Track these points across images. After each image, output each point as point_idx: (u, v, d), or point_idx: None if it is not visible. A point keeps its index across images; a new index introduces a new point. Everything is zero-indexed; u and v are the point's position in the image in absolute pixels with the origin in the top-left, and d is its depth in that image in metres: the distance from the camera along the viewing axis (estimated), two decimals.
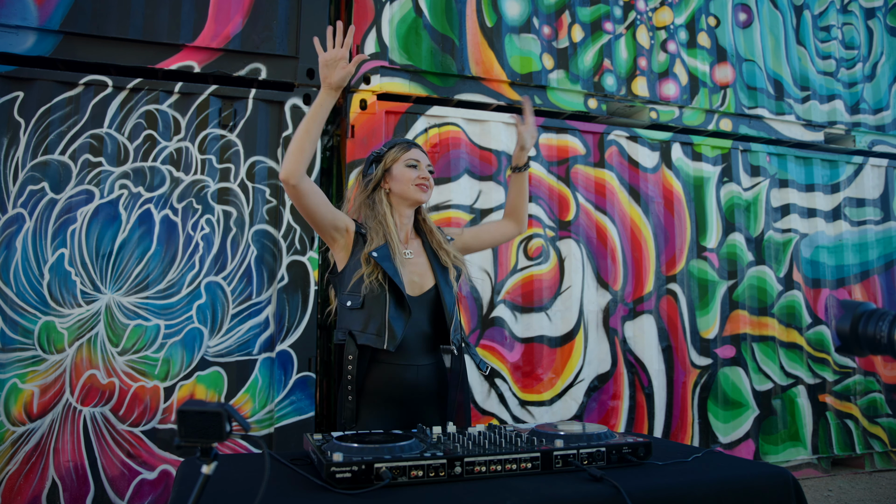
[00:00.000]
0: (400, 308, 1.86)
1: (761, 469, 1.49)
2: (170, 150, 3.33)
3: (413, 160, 1.97)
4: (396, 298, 1.85)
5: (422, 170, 1.98)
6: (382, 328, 1.83)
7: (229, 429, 1.01)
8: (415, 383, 1.88)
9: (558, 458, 1.42)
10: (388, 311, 1.83)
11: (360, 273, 1.85)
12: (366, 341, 1.83)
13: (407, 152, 1.98)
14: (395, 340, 1.82)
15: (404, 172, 1.96)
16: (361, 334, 1.84)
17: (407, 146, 2.01)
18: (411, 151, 1.99)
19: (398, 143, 2.02)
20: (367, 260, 1.85)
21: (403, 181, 1.95)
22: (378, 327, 1.83)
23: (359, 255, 1.88)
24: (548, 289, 3.96)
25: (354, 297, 1.85)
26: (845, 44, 5.01)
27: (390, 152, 1.99)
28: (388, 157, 1.99)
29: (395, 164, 1.97)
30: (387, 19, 3.78)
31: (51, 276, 3.10)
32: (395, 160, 1.97)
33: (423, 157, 2.02)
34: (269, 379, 3.34)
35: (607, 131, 4.23)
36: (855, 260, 4.80)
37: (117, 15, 3.29)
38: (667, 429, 4.14)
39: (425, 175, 1.97)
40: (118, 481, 3.08)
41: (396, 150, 1.99)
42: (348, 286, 1.88)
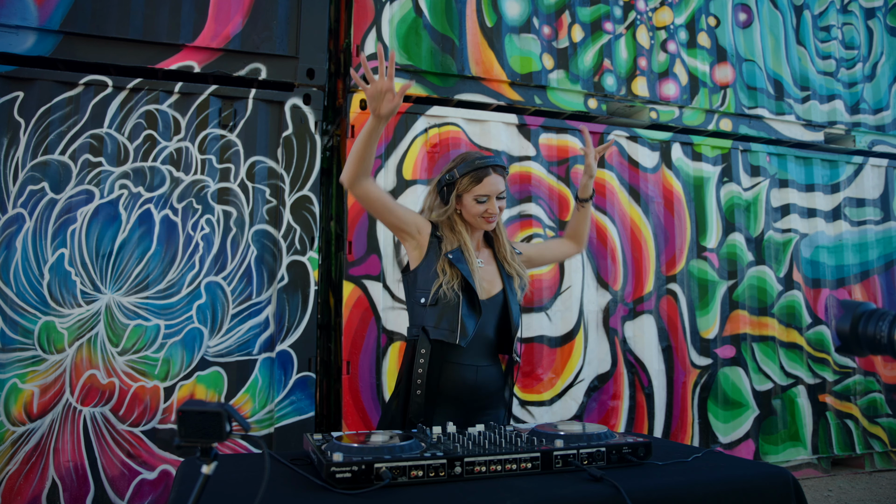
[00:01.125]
0: (472, 308, 1.94)
1: (761, 469, 1.49)
2: (170, 150, 3.33)
3: (483, 196, 1.95)
4: (469, 299, 1.93)
5: (490, 203, 1.96)
6: (455, 324, 1.90)
7: (229, 429, 1.02)
8: (475, 384, 1.95)
9: (558, 458, 1.42)
10: (461, 309, 1.91)
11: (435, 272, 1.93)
12: (439, 336, 1.90)
13: (478, 185, 1.95)
14: (467, 336, 1.91)
15: (473, 207, 1.97)
16: (434, 329, 1.91)
17: (479, 177, 1.96)
18: (483, 184, 1.95)
19: (471, 172, 1.96)
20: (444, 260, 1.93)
21: (472, 214, 1.98)
22: (451, 323, 1.90)
23: (433, 256, 1.95)
24: (548, 289, 3.96)
25: (428, 294, 1.93)
26: (845, 44, 5.01)
27: (463, 181, 1.97)
28: (461, 185, 1.97)
29: (465, 195, 1.98)
30: (387, 19, 3.78)
31: (51, 276, 3.10)
32: (466, 190, 1.97)
33: (496, 184, 1.97)
34: (269, 379, 3.34)
35: (607, 131, 4.23)
36: (855, 260, 4.80)
37: (117, 15, 3.29)
38: (667, 429, 4.14)
39: (493, 211, 1.98)
40: (118, 481, 3.08)
41: (469, 180, 1.96)
42: (422, 284, 1.95)
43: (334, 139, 4.13)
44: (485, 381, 1.97)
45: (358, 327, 3.52)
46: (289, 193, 3.46)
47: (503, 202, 2.01)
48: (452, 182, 1.98)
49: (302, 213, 3.47)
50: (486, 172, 1.96)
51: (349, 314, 3.52)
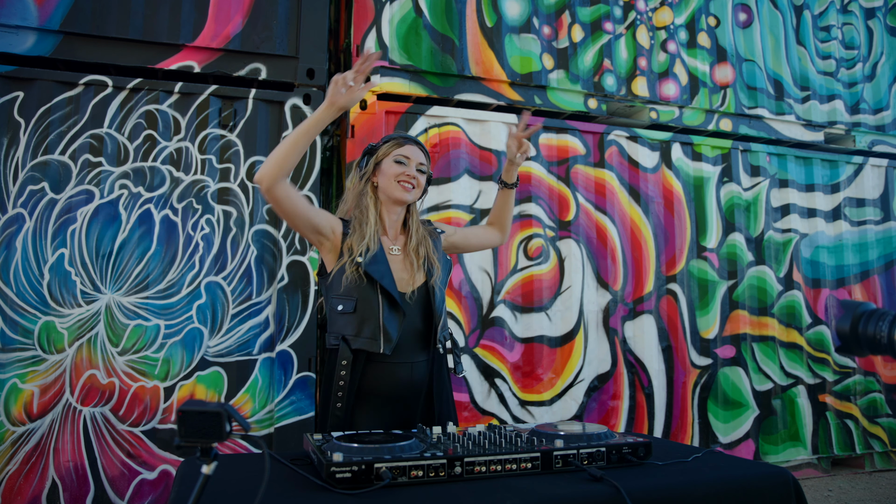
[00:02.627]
0: (393, 309, 1.82)
1: (761, 469, 1.49)
2: (170, 150, 3.33)
3: (403, 157, 1.91)
4: (389, 300, 1.82)
5: (409, 167, 1.91)
6: (377, 331, 1.80)
7: (229, 429, 1.01)
8: (409, 380, 1.85)
9: (558, 458, 1.42)
10: (381, 314, 1.80)
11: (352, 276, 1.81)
12: (360, 345, 1.80)
13: (399, 148, 1.92)
14: (391, 343, 1.80)
15: (391, 167, 1.90)
16: (355, 339, 1.80)
17: (402, 141, 1.94)
18: (404, 148, 1.93)
19: (394, 138, 1.96)
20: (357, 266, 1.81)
21: (388, 176, 1.90)
22: (372, 331, 1.80)
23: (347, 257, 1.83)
24: (548, 289, 3.96)
25: (346, 300, 1.82)
26: (845, 44, 5.01)
27: (384, 146, 1.94)
28: (381, 150, 1.93)
29: (385, 159, 1.92)
30: (387, 19, 3.78)
31: (51, 276, 3.10)
32: (386, 154, 1.92)
33: (418, 154, 1.95)
34: (269, 379, 3.34)
35: (607, 131, 4.23)
36: (855, 260, 4.80)
37: (117, 15, 3.29)
38: (667, 429, 4.14)
39: (411, 173, 1.91)
40: (118, 481, 3.08)
41: (390, 144, 1.94)
42: (339, 289, 1.83)
43: (334, 139, 4.13)
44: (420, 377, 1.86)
45: None
46: None
47: (423, 178, 1.94)
48: (373, 149, 1.94)
49: None
50: (407, 141, 1.95)
51: None
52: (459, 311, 3.75)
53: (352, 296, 1.81)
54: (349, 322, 1.82)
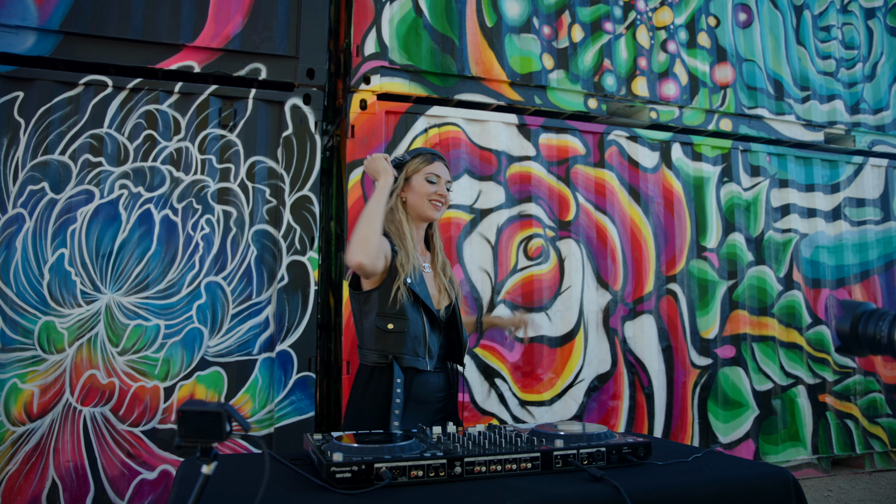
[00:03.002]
0: (434, 327, 1.93)
1: (761, 469, 1.49)
2: (170, 150, 3.33)
3: (434, 175, 1.97)
4: (430, 318, 1.92)
5: (440, 185, 1.97)
6: (424, 350, 1.89)
7: (229, 429, 1.02)
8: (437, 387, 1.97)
9: (558, 458, 1.42)
10: (426, 333, 1.90)
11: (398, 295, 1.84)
12: (410, 363, 1.87)
13: (430, 165, 1.98)
14: (433, 359, 1.93)
15: (423, 185, 1.96)
16: (405, 357, 1.87)
17: (431, 158, 2.00)
18: (434, 165, 1.99)
19: (423, 153, 2.01)
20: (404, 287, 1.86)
21: (420, 194, 1.96)
22: (421, 349, 1.89)
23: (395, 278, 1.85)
24: (548, 289, 3.96)
25: (397, 320, 1.85)
26: (845, 44, 5.01)
27: (413, 161, 1.99)
28: (411, 166, 1.99)
29: (415, 175, 1.98)
30: (387, 19, 3.78)
31: (51, 276, 3.10)
32: (416, 171, 1.98)
33: (446, 172, 2.02)
34: (269, 379, 3.34)
35: (607, 131, 4.23)
36: (855, 260, 4.80)
37: (117, 15, 3.29)
38: (667, 429, 4.14)
39: (442, 192, 1.97)
40: (118, 481, 3.08)
41: (420, 160, 1.99)
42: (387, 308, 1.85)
43: (334, 139, 4.13)
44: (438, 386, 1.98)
45: None
46: (289, 193, 3.46)
47: (449, 196, 2.02)
48: (402, 163, 1.99)
49: (302, 213, 3.47)
50: (437, 158, 2.01)
51: (349, 314, 3.52)
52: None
53: (402, 315, 1.86)
54: (399, 340, 1.87)
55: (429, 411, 1.96)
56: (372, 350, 1.90)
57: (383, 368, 1.88)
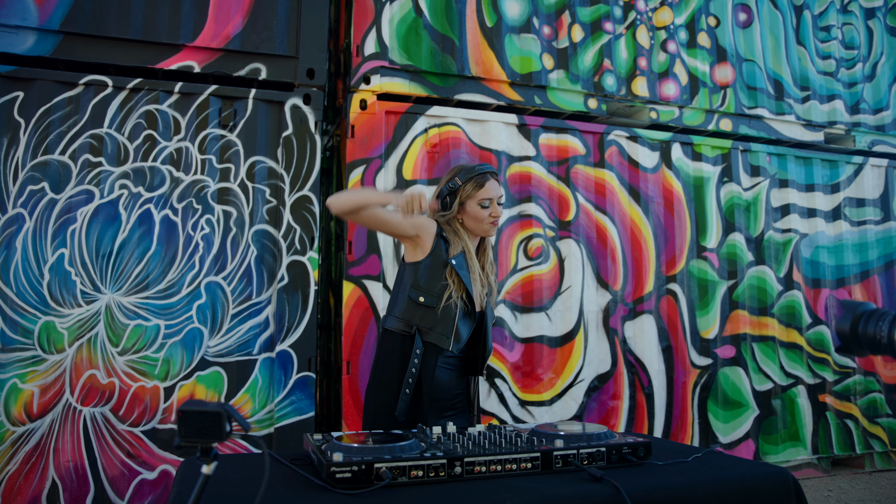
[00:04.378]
0: (467, 315, 2.02)
1: (761, 469, 1.49)
2: (170, 150, 3.33)
3: (486, 200, 2.04)
4: (466, 306, 2.00)
5: (493, 207, 2.05)
6: (451, 331, 1.96)
7: (229, 429, 1.02)
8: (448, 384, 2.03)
9: (558, 458, 1.42)
10: (457, 316, 1.97)
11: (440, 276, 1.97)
12: (433, 339, 1.96)
13: (480, 190, 2.04)
14: (460, 344, 2.00)
15: (478, 212, 2.04)
16: (429, 332, 1.96)
17: (480, 182, 2.05)
18: (485, 189, 2.04)
19: (473, 178, 2.05)
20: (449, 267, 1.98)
21: (476, 220, 2.05)
22: (447, 329, 1.96)
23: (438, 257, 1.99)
24: (548, 289, 3.96)
25: (429, 295, 1.97)
26: (845, 44, 5.01)
27: (466, 187, 2.05)
28: (464, 193, 2.05)
29: (469, 201, 2.05)
30: (387, 19, 3.78)
31: (51, 276, 3.10)
32: (469, 197, 2.05)
33: (497, 189, 2.07)
34: (269, 379, 3.34)
35: (607, 131, 4.23)
36: (855, 260, 4.80)
37: (117, 15, 3.29)
38: (667, 429, 4.14)
39: (497, 214, 2.06)
40: (118, 481, 3.08)
41: (471, 186, 2.05)
42: (422, 282, 1.99)
43: (334, 139, 4.13)
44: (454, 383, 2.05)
45: (358, 327, 3.52)
46: (289, 193, 3.46)
47: (502, 208, 2.10)
48: (455, 190, 2.06)
49: (302, 213, 3.47)
50: (487, 178, 2.06)
51: (349, 314, 3.52)
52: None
53: (435, 292, 1.97)
54: (426, 315, 1.97)
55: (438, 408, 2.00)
56: (399, 318, 2.01)
57: (405, 337, 1.99)
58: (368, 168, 3.64)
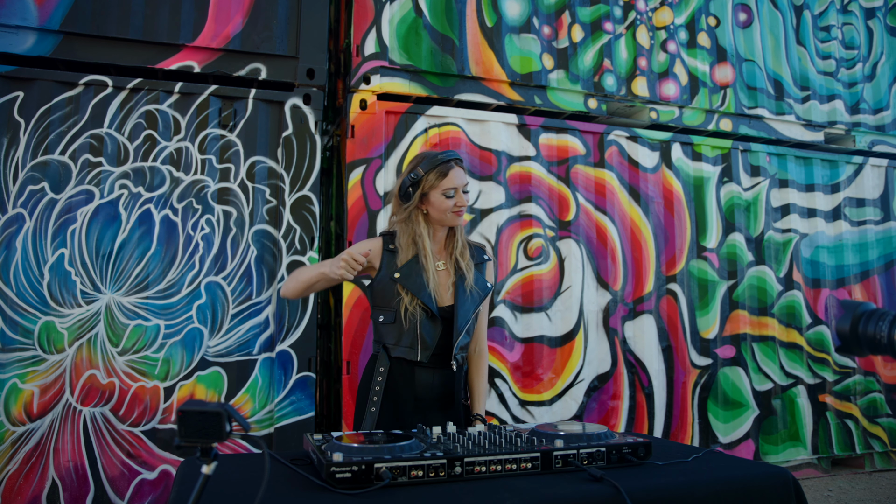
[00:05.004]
0: (431, 320, 1.96)
1: (761, 469, 1.49)
2: (170, 150, 3.33)
3: (451, 189, 1.96)
4: (427, 311, 1.95)
5: (458, 196, 1.98)
6: (415, 341, 1.94)
7: (229, 429, 1.02)
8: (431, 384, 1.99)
9: (558, 458, 1.42)
10: (419, 325, 1.94)
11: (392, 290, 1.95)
12: (400, 354, 1.96)
13: (444, 179, 1.96)
14: (428, 351, 1.95)
15: (442, 202, 1.97)
16: (395, 347, 1.96)
17: (444, 171, 1.97)
18: (448, 178, 1.96)
19: (436, 167, 1.97)
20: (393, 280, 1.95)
21: (441, 210, 1.98)
22: (411, 340, 1.94)
23: (387, 272, 1.98)
24: (548, 289, 3.96)
25: (386, 312, 1.97)
26: (845, 44, 5.01)
27: (428, 177, 1.97)
28: (426, 183, 1.97)
29: (432, 191, 1.97)
30: (387, 19, 3.78)
31: (51, 276, 3.10)
32: (432, 187, 1.97)
33: (462, 177, 2.00)
34: (269, 379, 3.34)
35: (607, 131, 4.23)
36: (855, 260, 4.80)
37: (117, 15, 3.29)
38: (667, 429, 4.14)
39: (462, 203, 1.99)
40: (118, 481, 3.08)
41: (434, 175, 1.97)
42: (379, 301, 1.99)
43: (334, 139, 4.13)
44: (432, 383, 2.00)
45: (358, 327, 3.52)
46: (289, 193, 3.46)
47: (468, 195, 2.03)
48: (417, 181, 1.97)
49: (302, 213, 3.47)
50: (450, 166, 1.98)
51: (349, 314, 3.52)
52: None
53: (391, 307, 1.96)
54: (390, 332, 1.98)
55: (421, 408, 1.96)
56: (375, 341, 2.04)
57: (377, 357, 2.00)
58: (368, 168, 3.65)
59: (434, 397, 1.99)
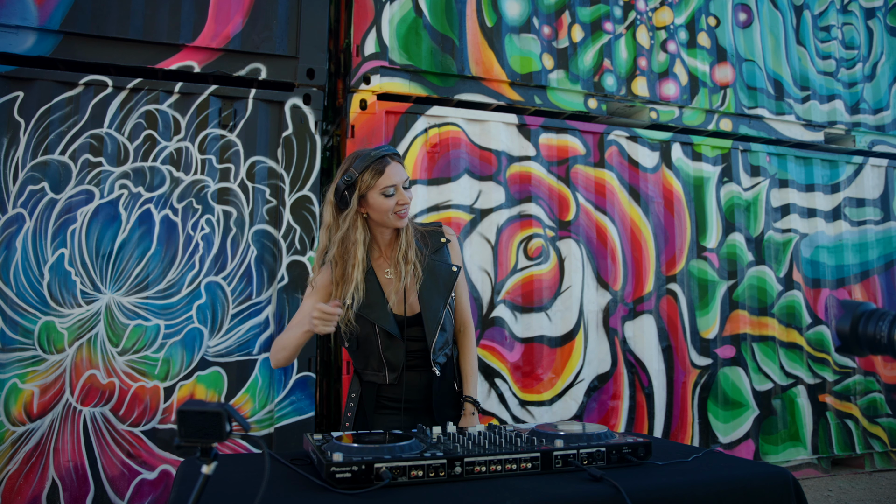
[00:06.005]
0: (392, 341, 1.84)
1: (761, 469, 1.49)
2: (170, 150, 3.33)
3: (389, 187, 1.78)
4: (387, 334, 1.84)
5: (399, 194, 1.80)
6: (381, 365, 1.88)
7: (229, 429, 1.01)
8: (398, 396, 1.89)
9: (558, 458, 1.42)
10: (380, 348, 1.85)
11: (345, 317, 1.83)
12: (370, 378, 1.91)
13: (381, 177, 1.78)
14: (396, 372, 1.87)
15: (381, 203, 1.79)
16: (364, 371, 1.92)
17: (379, 169, 1.78)
18: (385, 176, 1.78)
19: (370, 166, 1.79)
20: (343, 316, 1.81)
21: (381, 211, 1.80)
22: (377, 363, 1.88)
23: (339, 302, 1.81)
24: (548, 289, 3.96)
25: (351, 339, 1.90)
26: (845, 44, 5.01)
27: (363, 178, 1.78)
28: (362, 183, 1.79)
29: (370, 192, 1.79)
30: (387, 19, 3.78)
31: (51, 276, 3.10)
32: (369, 187, 1.79)
33: (399, 172, 1.82)
34: (269, 379, 3.34)
35: (607, 131, 4.23)
36: (855, 260, 4.80)
37: (117, 15, 3.29)
38: (667, 429, 4.14)
39: (404, 201, 1.81)
40: (118, 481, 3.08)
41: (369, 175, 1.78)
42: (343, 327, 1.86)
43: (334, 139, 4.13)
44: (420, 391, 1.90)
45: None
46: (289, 193, 3.46)
47: (410, 192, 1.85)
48: (352, 182, 1.78)
49: (302, 213, 3.47)
50: (385, 162, 1.80)
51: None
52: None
53: (353, 333, 1.88)
54: (357, 357, 1.93)
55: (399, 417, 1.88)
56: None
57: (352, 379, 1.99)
58: None
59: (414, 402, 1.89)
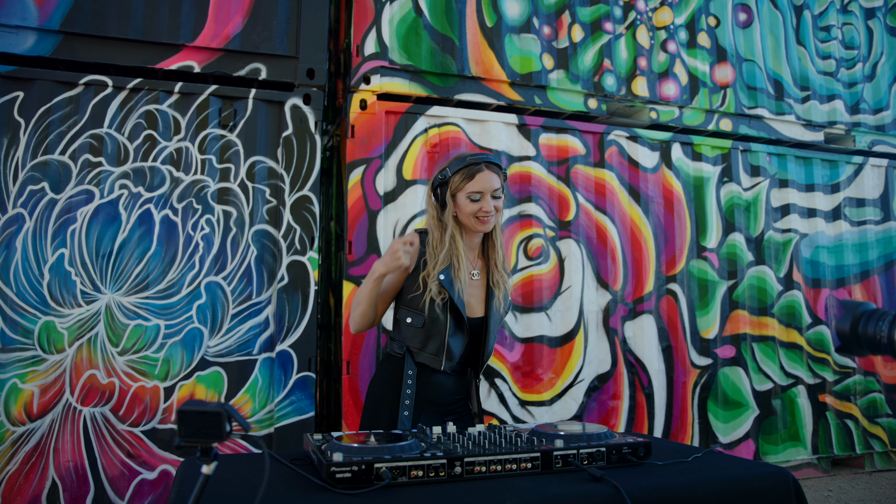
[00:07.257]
0: (458, 329, 1.92)
1: (761, 469, 1.49)
2: (170, 150, 3.33)
3: (476, 193, 1.87)
4: (456, 320, 1.91)
5: (485, 201, 1.87)
6: (441, 349, 1.90)
7: (229, 429, 1.01)
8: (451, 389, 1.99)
9: (558, 458, 1.42)
10: (447, 333, 1.90)
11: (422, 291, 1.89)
12: (424, 360, 1.92)
13: (470, 182, 1.87)
14: (453, 362, 1.92)
15: (466, 205, 1.88)
16: (420, 352, 1.92)
17: (471, 173, 1.88)
18: (475, 180, 1.87)
19: (463, 168, 1.89)
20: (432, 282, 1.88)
21: (465, 213, 1.89)
22: (437, 348, 1.90)
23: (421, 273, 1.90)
24: (548, 289, 3.96)
25: (415, 314, 1.91)
26: (845, 44, 5.01)
27: (454, 178, 1.89)
28: (453, 184, 1.89)
29: (459, 194, 1.89)
30: (387, 19, 3.78)
31: (51, 276, 3.10)
32: (458, 189, 1.89)
33: (491, 180, 1.89)
34: (269, 379, 3.34)
35: (607, 131, 4.23)
36: (855, 260, 4.80)
37: (117, 15, 3.29)
38: (667, 429, 4.14)
39: (487, 209, 1.88)
40: (118, 481, 3.08)
41: (460, 177, 1.88)
42: (410, 301, 1.92)
43: (334, 139, 4.13)
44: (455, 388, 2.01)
45: None
46: (289, 193, 3.46)
47: (500, 202, 1.92)
48: (445, 181, 1.90)
49: (302, 213, 3.47)
50: (479, 169, 1.88)
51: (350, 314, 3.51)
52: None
53: (422, 311, 1.89)
54: (416, 335, 1.92)
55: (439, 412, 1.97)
56: (394, 340, 1.99)
57: (399, 359, 1.95)
58: (368, 168, 3.65)
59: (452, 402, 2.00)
